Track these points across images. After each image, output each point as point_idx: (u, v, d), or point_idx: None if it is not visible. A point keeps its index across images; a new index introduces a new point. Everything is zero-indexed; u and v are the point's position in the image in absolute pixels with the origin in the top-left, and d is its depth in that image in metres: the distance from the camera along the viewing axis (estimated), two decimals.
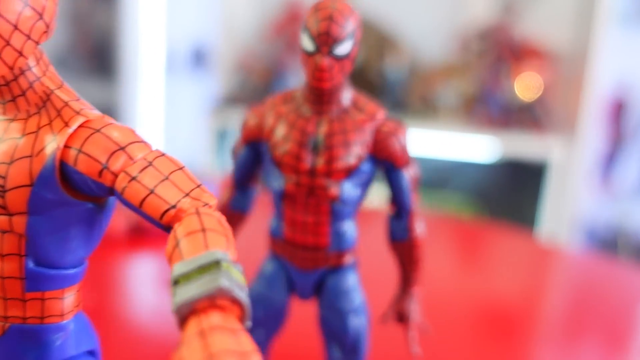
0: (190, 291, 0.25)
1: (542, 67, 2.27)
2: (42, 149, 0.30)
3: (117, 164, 0.30)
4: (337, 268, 0.49)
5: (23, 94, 0.31)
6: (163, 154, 0.31)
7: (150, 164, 0.30)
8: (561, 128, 2.31)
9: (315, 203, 0.45)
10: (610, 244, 2.46)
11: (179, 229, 0.28)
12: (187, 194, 0.30)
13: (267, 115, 0.45)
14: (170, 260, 0.27)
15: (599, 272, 1.25)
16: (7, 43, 0.29)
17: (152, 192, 0.29)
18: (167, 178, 0.30)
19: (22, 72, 0.31)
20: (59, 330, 0.34)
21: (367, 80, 2.48)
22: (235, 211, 0.51)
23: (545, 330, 0.93)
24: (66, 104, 0.31)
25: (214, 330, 0.24)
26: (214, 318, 0.25)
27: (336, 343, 0.49)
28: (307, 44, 0.41)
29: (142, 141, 0.32)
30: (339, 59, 0.42)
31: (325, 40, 0.40)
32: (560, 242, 2.18)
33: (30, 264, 0.32)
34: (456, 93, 2.32)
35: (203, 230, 0.27)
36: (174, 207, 0.29)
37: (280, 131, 0.45)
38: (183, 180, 0.30)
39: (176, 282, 0.26)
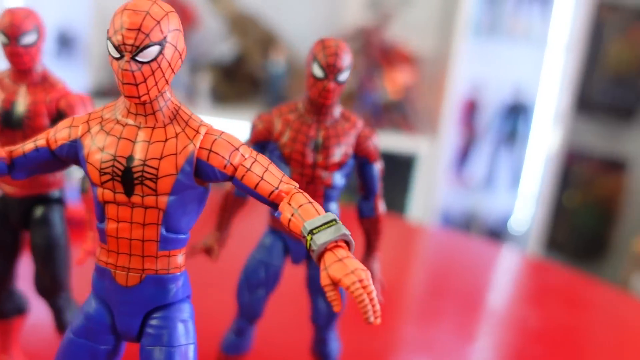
0: (324, 237, 0.40)
1: (409, 70, 2.49)
2: (183, 149, 0.42)
3: (235, 160, 0.44)
4: None
5: (160, 109, 0.43)
6: (258, 153, 0.45)
7: (255, 160, 0.44)
8: (425, 126, 2.56)
9: (313, 189, 0.59)
10: (464, 229, 2.78)
11: (292, 203, 0.42)
12: (281, 180, 0.44)
13: (275, 122, 0.58)
14: (289, 223, 0.42)
15: (456, 247, 1.44)
16: (163, 75, 0.41)
17: (262, 179, 0.43)
18: (267, 169, 0.44)
19: (161, 94, 0.42)
20: (177, 280, 0.46)
21: (247, 73, 2.54)
22: (237, 197, 0.64)
23: (411, 299, 1.08)
24: (190, 117, 0.44)
25: (346, 258, 0.39)
26: (341, 251, 0.40)
27: (321, 295, 0.62)
28: (318, 71, 0.55)
29: (244, 144, 0.45)
30: (340, 83, 0.56)
31: (332, 70, 0.55)
32: (424, 226, 2.43)
33: (164, 231, 0.43)
34: None
35: (310, 202, 0.42)
36: (277, 188, 0.43)
37: (288, 134, 0.58)
38: (275, 171, 0.44)
39: (311, 232, 0.40)
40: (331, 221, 0.40)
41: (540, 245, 2.71)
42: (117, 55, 0.40)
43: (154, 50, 0.40)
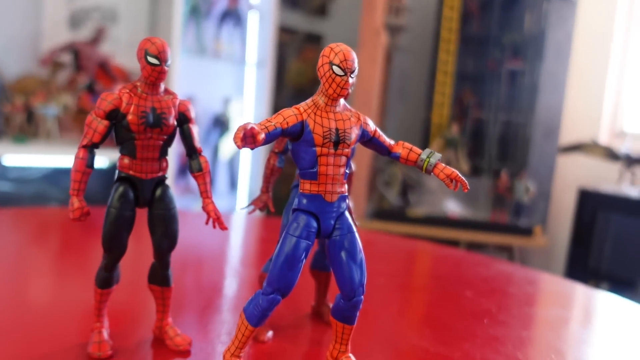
0: (435, 159, 0.68)
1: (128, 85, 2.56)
2: (357, 122, 0.68)
3: (373, 128, 0.70)
4: None
5: (340, 103, 0.69)
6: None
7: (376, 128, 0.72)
8: None
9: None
10: None
11: (405, 146, 0.70)
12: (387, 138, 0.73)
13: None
14: (408, 154, 0.70)
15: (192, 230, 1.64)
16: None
17: (385, 138, 0.71)
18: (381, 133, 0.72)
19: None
20: (346, 197, 0.71)
21: None
22: (279, 167, 0.83)
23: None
24: (349, 106, 0.69)
25: (448, 167, 0.69)
26: (444, 165, 0.69)
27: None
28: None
29: None
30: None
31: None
32: None
33: (345, 169, 0.69)
34: (60, 108, 2.36)
35: (412, 147, 0.70)
36: (390, 142, 0.71)
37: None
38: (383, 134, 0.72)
39: (427, 157, 0.68)
40: (431, 151, 0.70)
41: None
42: (342, 74, 0.65)
43: (355, 73, 0.66)
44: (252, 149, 0.62)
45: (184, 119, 0.74)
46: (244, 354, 0.69)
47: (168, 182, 0.77)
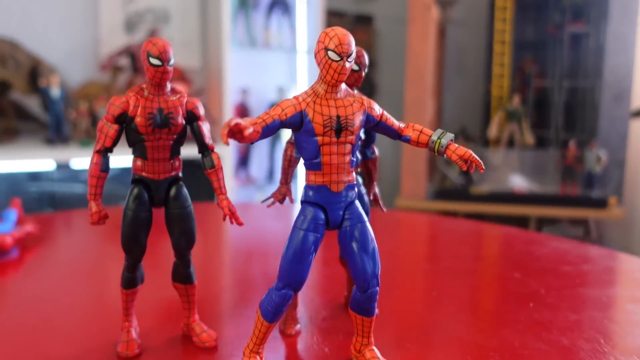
0: (446, 139, 0.66)
1: (183, 83, 2.63)
2: (360, 108, 0.66)
3: (379, 112, 0.68)
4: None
5: (341, 88, 0.67)
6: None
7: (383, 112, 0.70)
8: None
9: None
10: None
11: (415, 129, 0.68)
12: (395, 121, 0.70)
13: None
14: (419, 137, 0.67)
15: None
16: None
17: (393, 121, 0.69)
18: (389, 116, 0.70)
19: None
20: (355, 186, 0.68)
21: (11, 105, 2.38)
22: (296, 158, 0.79)
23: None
24: (353, 92, 0.68)
25: (460, 147, 0.65)
26: (454, 145, 0.66)
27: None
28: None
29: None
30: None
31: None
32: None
33: (351, 157, 0.66)
34: None
35: (422, 129, 0.68)
36: (399, 125, 0.68)
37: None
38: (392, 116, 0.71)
39: (438, 138, 0.66)
40: (443, 132, 0.67)
41: None
42: (338, 59, 0.62)
43: (352, 57, 0.63)
44: (250, 142, 0.60)
45: (192, 117, 0.73)
46: (263, 350, 0.68)
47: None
